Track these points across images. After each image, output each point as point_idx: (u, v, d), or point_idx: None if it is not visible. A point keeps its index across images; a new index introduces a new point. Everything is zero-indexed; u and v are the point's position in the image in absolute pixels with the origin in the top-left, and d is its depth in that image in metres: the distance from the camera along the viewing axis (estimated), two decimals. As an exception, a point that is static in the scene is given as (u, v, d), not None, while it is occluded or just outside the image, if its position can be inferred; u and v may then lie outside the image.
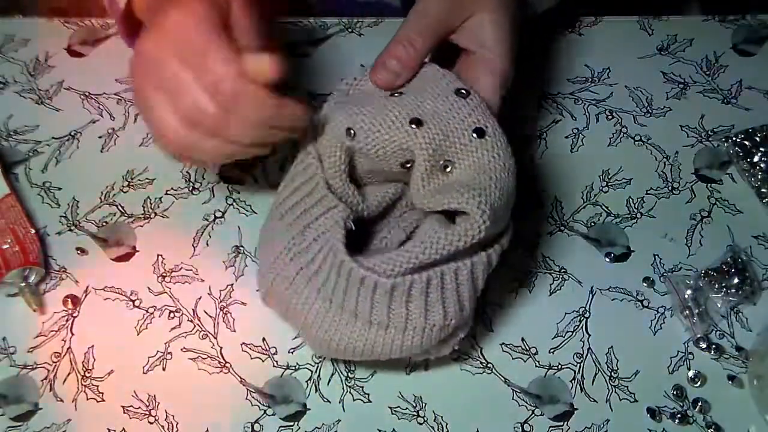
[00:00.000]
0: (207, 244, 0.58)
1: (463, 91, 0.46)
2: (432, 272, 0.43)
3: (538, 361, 0.54)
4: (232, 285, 0.57)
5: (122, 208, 0.60)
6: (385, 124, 0.45)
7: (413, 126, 0.45)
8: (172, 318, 0.56)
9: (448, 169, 0.45)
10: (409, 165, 0.46)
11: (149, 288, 0.57)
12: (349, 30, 0.68)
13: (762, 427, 0.52)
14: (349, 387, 0.53)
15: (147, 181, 0.61)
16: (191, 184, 0.61)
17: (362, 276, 0.43)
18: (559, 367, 0.54)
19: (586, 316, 0.56)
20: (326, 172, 0.47)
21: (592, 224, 0.60)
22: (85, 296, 0.56)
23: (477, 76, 0.49)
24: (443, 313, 0.44)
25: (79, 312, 0.56)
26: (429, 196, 0.45)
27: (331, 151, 0.46)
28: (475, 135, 0.44)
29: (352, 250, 0.44)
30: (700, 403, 0.53)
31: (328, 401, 0.53)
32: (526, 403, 0.53)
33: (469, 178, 0.44)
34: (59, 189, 0.60)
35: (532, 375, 0.54)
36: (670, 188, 0.61)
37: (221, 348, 0.54)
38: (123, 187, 0.61)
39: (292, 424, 0.52)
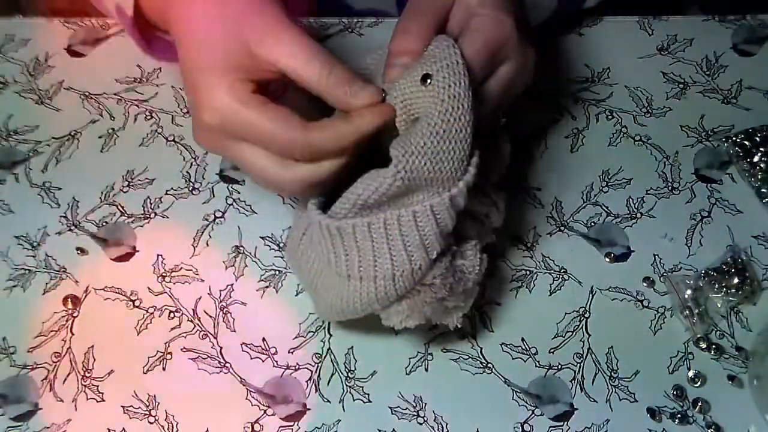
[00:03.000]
0: (207, 244, 0.58)
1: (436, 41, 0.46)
2: (378, 215, 0.44)
3: (538, 361, 0.54)
4: (232, 285, 0.57)
5: (122, 208, 0.60)
6: None
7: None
8: (172, 318, 0.56)
9: (413, 117, 0.45)
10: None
11: (149, 288, 0.57)
12: (349, 30, 0.68)
13: (762, 427, 0.52)
14: (349, 387, 0.53)
15: (147, 181, 0.61)
16: (191, 184, 0.61)
17: (319, 220, 0.45)
18: (559, 367, 0.54)
19: (586, 316, 0.56)
20: None
21: (592, 224, 0.60)
22: (85, 296, 0.56)
23: (463, 36, 0.48)
24: (406, 257, 0.44)
25: (79, 312, 0.56)
26: None
27: None
28: (420, 81, 0.44)
29: None
30: (700, 403, 0.53)
31: (328, 401, 0.53)
32: (526, 403, 0.53)
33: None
34: (59, 189, 0.60)
35: (532, 375, 0.54)
36: (670, 188, 0.61)
37: (221, 348, 0.54)
38: (123, 187, 0.61)
39: (291, 424, 0.52)
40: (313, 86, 0.43)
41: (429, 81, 0.44)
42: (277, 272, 0.57)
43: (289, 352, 0.54)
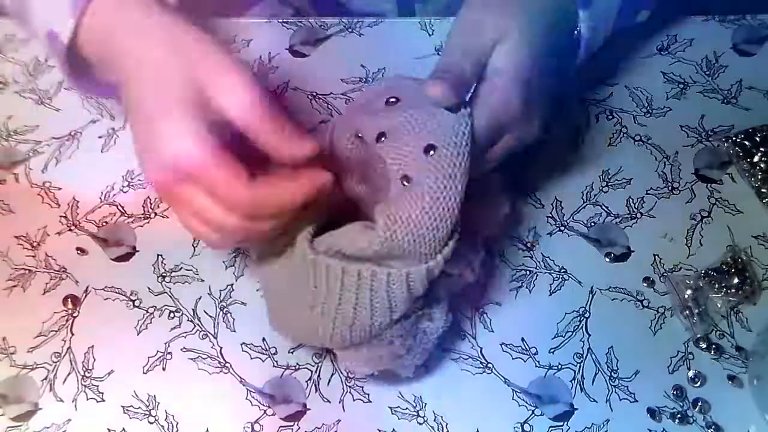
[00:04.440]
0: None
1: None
2: (354, 265, 0.44)
3: (538, 361, 0.54)
4: (232, 285, 0.57)
5: (122, 208, 0.60)
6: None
7: (382, 139, 0.45)
8: (172, 318, 0.56)
9: (407, 184, 0.44)
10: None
11: (149, 288, 0.57)
12: (349, 30, 0.68)
13: (762, 427, 0.52)
14: (349, 387, 0.53)
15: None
16: (191, 184, 0.61)
17: (300, 244, 0.46)
18: (559, 367, 0.54)
19: (586, 316, 0.56)
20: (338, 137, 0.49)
21: (592, 224, 0.60)
22: (85, 296, 0.56)
23: (474, 100, 0.47)
24: (369, 312, 0.45)
25: (79, 312, 0.56)
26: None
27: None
28: (423, 151, 0.44)
29: None
30: (700, 403, 0.53)
31: (328, 401, 0.53)
32: (526, 403, 0.53)
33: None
34: (59, 189, 0.60)
35: (532, 375, 0.54)
36: (670, 188, 0.61)
37: (221, 348, 0.54)
38: (123, 187, 0.61)
39: (292, 424, 0.52)
40: (251, 131, 0.43)
41: (432, 152, 0.44)
42: (277, 272, 0.57)
43: (289, 352, 0.54)
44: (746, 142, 0.62)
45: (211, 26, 0.69)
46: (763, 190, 0.60)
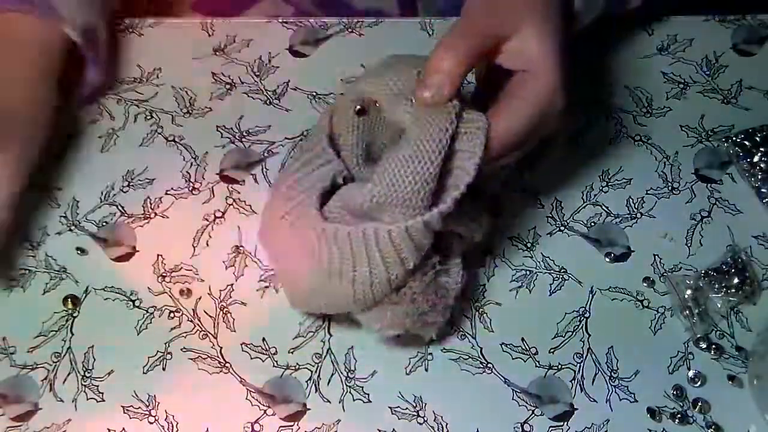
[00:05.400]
0: (207, 244, 0.58)
1: None
2: (359, 226, 0.45)
3: (538, 361, 0.54)
4: (232, 285, 0.57)
5: (122, 208, 0.60)
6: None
7: (409, 101, 0.47)
8: (172, 318, 0.56)
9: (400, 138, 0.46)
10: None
11: (149, 288, 0.57)
12: (349, 30, 0.68)
13: (762, 427, 0.52)
14: (349, 387, 0.53)
15: (147, 181, 0.61)
16: (191, 184, 0.61)
17: (308, 213, 0.47)
18: (559, 367, 0.54)
19: (586, 316, 0.56)
20: (336, 119, 0.50)
21: (592, 224, 0.60)
22: (85, 296, 0.56)
23: (513, 98, 0.46)
24: (383, 266, 0.46)
25: (79, 312, 0.56)
26: None
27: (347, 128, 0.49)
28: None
29: None
30: (700, 403, 0.53)
31: (328, 401, 0.53)
32: (526, 403, 0.53)
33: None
34: (59, 189, 0.60)
35: (532, 375, 0.54)
36: (670, 188, 0.61)
37: (221, 348, 0.54)
38: (123, 187, 0.61)
39: (292, 424, 0.52)
40: None
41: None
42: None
43: (289, 352, 0.54)
44: (746, 142, 0.62)
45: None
46: (763, 190, 0.60)
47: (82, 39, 0.58)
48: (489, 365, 0.54)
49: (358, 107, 0.48)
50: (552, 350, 0.55)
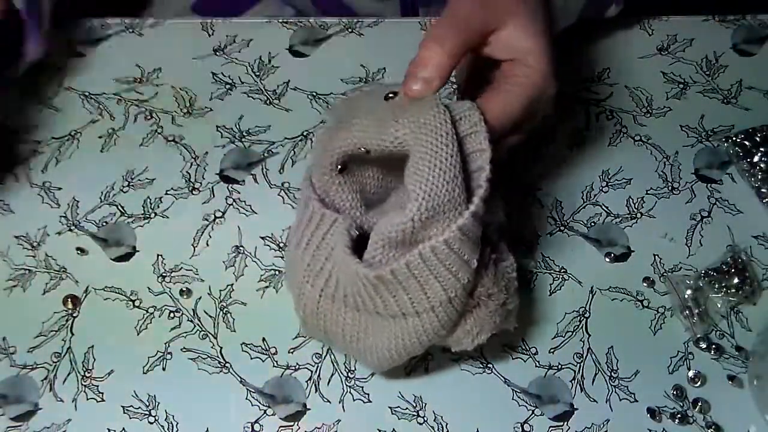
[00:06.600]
0: (207, 244, 0.58)
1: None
2: (413, 252, 0.44)
3: (538, 361, 0.54)
4: (232, 285, 0.57)
5: (122, 208, 0.60)
6: (376, 124, 0.45)
7: (396, 121, 0.45)
8: (172, 318, 0.56)
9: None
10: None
11: (149, 288, 0.57)
12: (349, 30, 0.68)
13: (762, 427, 0.52)
14: (349, 387, 0.53)
15: (147, 181, 0.61)
16: (191, 184, 0.61)
17: (356, 271, 0.44)
18: (559, 367, 0.54)
19: (586, 316, 0.56)
20: (319, 182, 0.47)
21: (592, 224, 0.60)
22: (85, 296, 0.56)
23: (505, 83, 0.46)
24: (453, 278, 0.45)
25: (79, 312, 0.56)
26: None
27: (324, 167, 0.47)
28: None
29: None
30: (700, 403, 0.53)
31: (328, 401, 0.53)
32: (526, 403, 0.53)
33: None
34: (59, 189, 0.60)
35: (532, 375, 0.54)
36: (670, 188, 0.61)
37: (221, 348, 0.54)
38: (123, 187, 0.61)
39: (292, 424, 0.52)
40: None
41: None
42: (276, 272, 0.57)
43: (289, 352, 0.54)
44: (746, 142, 0.62)
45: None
46: (763, 190, 0.60)
47: (25, 6, 0.57)
48: (489, 365, 0.54)
49: (339, 166, 0.46)
50: (552, 350, 0.55)
